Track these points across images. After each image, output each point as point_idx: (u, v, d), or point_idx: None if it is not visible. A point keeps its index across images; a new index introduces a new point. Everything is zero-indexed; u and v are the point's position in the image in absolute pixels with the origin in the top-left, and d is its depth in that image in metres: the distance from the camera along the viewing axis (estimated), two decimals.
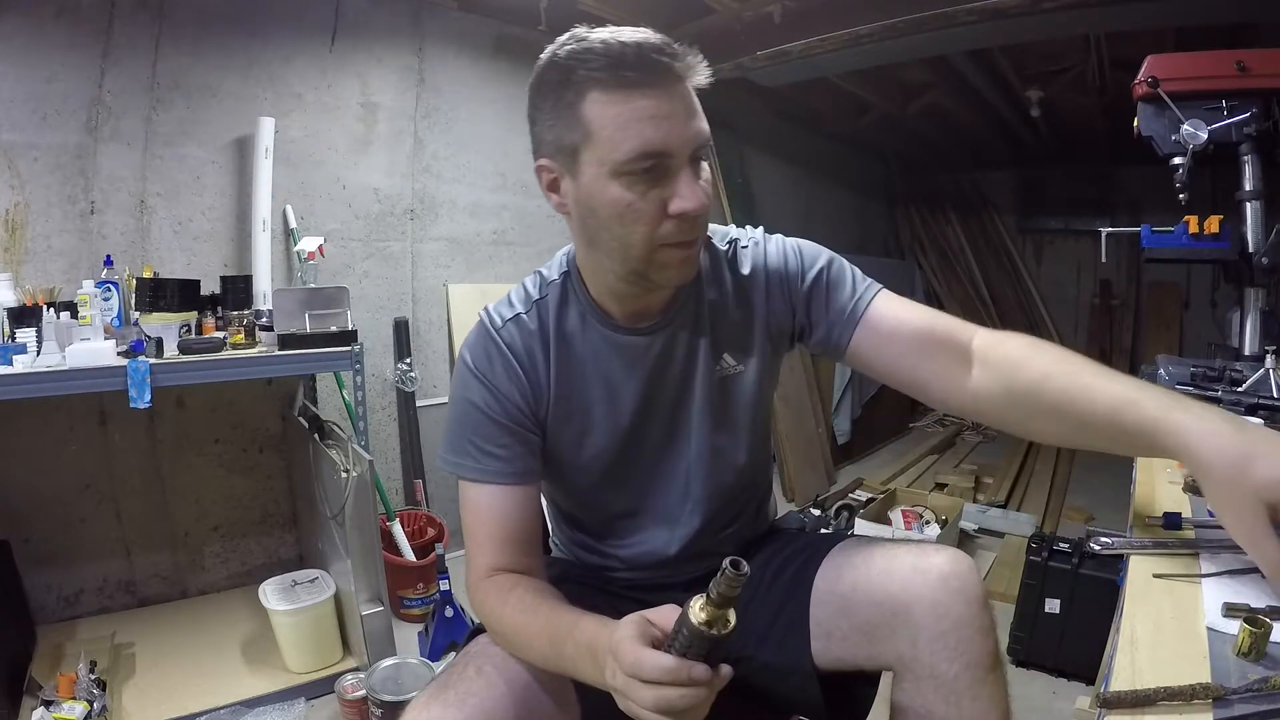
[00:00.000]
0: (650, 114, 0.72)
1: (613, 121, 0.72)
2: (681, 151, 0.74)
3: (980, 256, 5.50)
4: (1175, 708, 0.55)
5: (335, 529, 1.89)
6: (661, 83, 0.72)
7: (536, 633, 0.76)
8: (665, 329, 0.89)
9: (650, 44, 0.72)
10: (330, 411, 2.36)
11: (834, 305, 0.88)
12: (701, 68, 0.76)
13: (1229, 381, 1.45)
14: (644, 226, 0.75)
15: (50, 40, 1.95)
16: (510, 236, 3.00)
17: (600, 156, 0.74)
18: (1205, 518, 0.94)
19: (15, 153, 1.93)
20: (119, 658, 1.90)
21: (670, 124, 0.72)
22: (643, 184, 0.74)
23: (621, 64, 0.71)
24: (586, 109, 0.73)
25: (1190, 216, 1.64)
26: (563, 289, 0.90)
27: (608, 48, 0.72)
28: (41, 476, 2.04)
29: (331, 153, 2.50)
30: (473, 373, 0.87)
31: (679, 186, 0.74)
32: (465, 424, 0.87)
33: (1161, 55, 1.66)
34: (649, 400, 0.90)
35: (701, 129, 0.76)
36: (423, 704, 0.75)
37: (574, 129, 0.74)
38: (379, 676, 1.71)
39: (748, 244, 0.93)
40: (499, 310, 0.90)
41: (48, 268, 1.99)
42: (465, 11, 2.76)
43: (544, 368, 0.88)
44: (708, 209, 0.77)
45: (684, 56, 0.74)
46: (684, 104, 0.74)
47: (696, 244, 0.80)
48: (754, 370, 0.93)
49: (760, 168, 4.18)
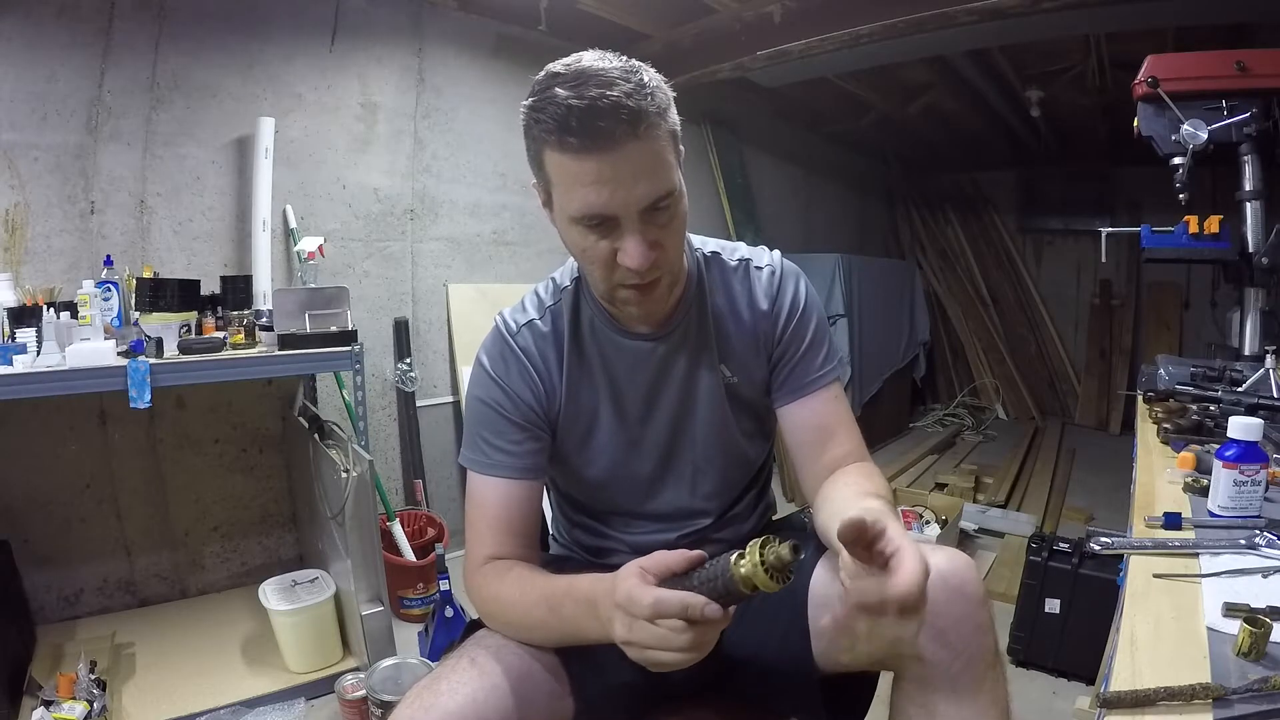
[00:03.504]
0: (593, 179, 0.73)
1: (562, 180, 0.76)
2: (626, 212, 0.75)
3: (980, 256, 5.49)
4: (1175, 708, 0.55)
5: (335, 529, 1.89)
6: (607, 147, 0.72)
7: (535, 600, 0.79)
8: (669, 336, 0.93)
9: (603, 105, 0.70)
10: (330, 411, 2.36)
11: (797, 367, 0.95)
12: (660, 115, 0.75)
13: (1229, 381, 1.45)
14: (600, 269, 0.81)
15: (50, 40, 1.95)
16: (510, 236, 3.00)
17: (559, 204, 0.80)
18: (1205, 518, 0.94)
19: (15, 153, 1.93)
20: (119, 658, 1.90)
21: (613, 188, 0.73)
22: (595, 234, 0.78)
23: (566, 129, 0.71)
24: (546, 159, 0.77)
25: (1190, 216, 1.64)
26: (575, 294, 0.94)
27: (559, 108, 0.71)
28: (41, 476, 2.04)
29: (331, 153, 2.50)
30: (487, 373, 0.92)
31: (625, 243, 0.77)
32: (478, 421, 0.92)
33: (1161, 55, 1.66)
34: (652, 402, 0.95)
35: (653, 190, 0.75)
36: (415, 695, 0.77)
37: (541, 173, 0.80)
38: (379, 676, 1.71)
39: (763, 267, 0.96)
40: (514, 316, 0.95)
41: (48, 268, 1.99)
42: (465, 11, 2.76)
43: (556, 370, 0.93)
44: (659, 262, 0.79)
45: (642, 114, 0.72)
46: (632, 166, 0.73)
47: (657, 287, 0.83)
48: (753, 383, 0.96)
49: (760, 168, 4.18)
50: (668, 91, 0.79)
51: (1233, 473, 0.92)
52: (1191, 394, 1.37)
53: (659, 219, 0.78)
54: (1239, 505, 0.93)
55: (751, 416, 0.99)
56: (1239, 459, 0.92)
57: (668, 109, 0.78)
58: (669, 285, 0.86)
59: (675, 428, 0.95)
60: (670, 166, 0.78)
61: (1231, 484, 0.93)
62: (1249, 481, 0.92)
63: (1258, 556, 0.82)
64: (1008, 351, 5.29)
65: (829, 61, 2.91)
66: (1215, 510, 0.94)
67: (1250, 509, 0.92)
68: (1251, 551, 0.83)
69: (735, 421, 0.97)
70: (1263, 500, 0.93)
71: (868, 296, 4.02)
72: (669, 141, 0.78)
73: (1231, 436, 0.94)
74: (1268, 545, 0.84)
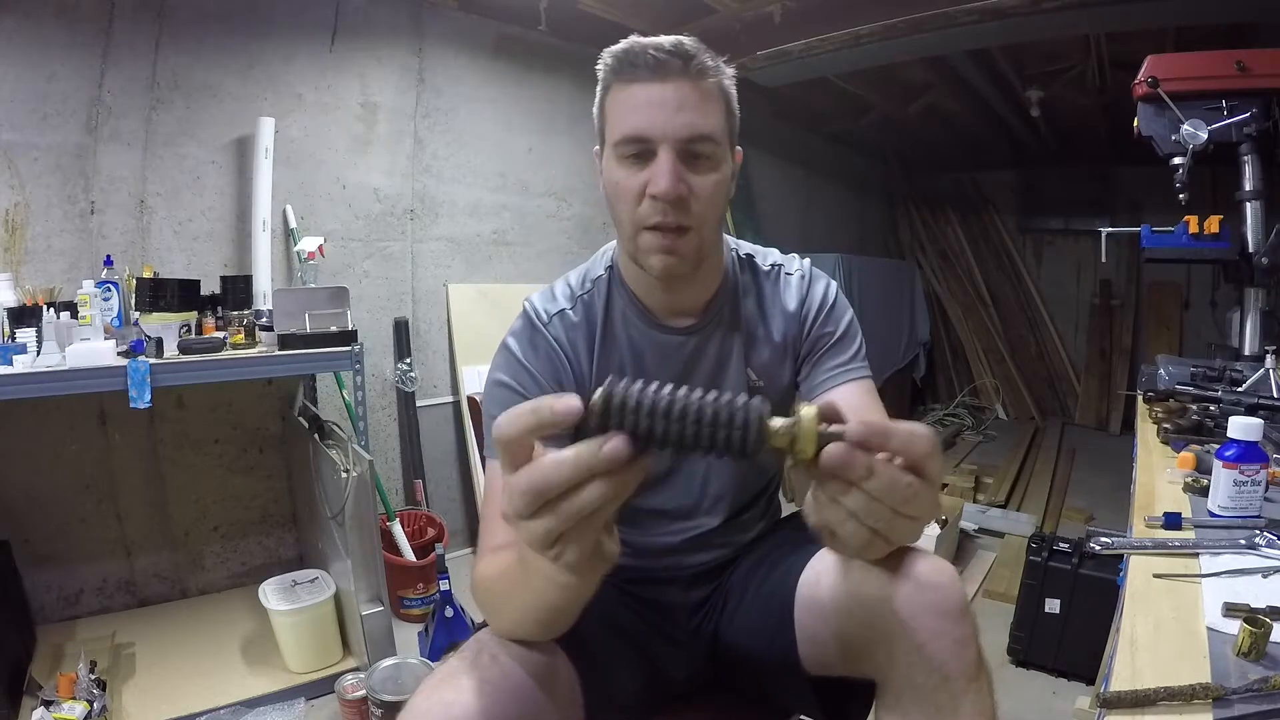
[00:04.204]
0: (640, 102, 0.79)
1: (614, 112, 0.82)
2: (662, 138, 0.79)
3: (980, 256, 5.49)
4: (1175, 708, 0.55)
5: (335, 529, 1.89)
6: (658, 76, 0.78)
7: (514, 562, 0.66)
8: (700, 331, 0.93)
9: (664, 45, 0.78)
10: (330, 411, 2.36)
11: (825, 357, 0.95)
12: (716, 71, 0.82)
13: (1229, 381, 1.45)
14: (628, 205, 0.82)
15: (50, 40, 1.95)
16: (510, 236, 3.00)
17: (609, 139, 0.83)
18: (1205, 518, 0.94)
19: (15, 153, 1.93)
20: (119, 658, 1.90)
21: (654, 112, 0.79)
22: (631, 165, 0.81)
23: (628, 60, 0.80)
24: (606, 100, 0.84)
25: (1190, 216, 1.64)
26: (608, 284, 0.94)
27: (629, 47, 0.80)
28: (41, 476, 2.04)
29: (331, 153, 2.50)
30: (515, 358, 0.90)
31: (654, 170, 0.79)
32: (499, 405, 0.87)
33: (1161, 55, 1.67)
34: None
35: (693, 123, 0.79)
36: (425, 694, 0.70)
37: (600, 117, 0.86)
38: (379, 676, 1.71)
39: (793, 272, 0.97)
40: (544, 304, 0.94)
41: (48, 268, 1.99)
42: (465, 11, 2.76)
43: (587, 361, 0.92)
44: (689, 207, 0.80)
45: (697, 58, 0.79)
46: (679, 97, 0.79)
47: (683, 238, 0.82)
48: (778, 389, 0.95)
49: (760, 168, 4.18)
50: (729, 72, 0.85)
51: (1233, 473, 0.93)
52: (1191, 394, 1.37)
53: (696, 166, 0.80)
54: (1239, 505, 0.93)
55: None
56: (1239, 459, 0.92)
57: (725, 75, 0.84)
58: (696, 246, 0.84)
59: None
60: (715, 116, 0.81)
61: (1231, 484, 0.93)
62: (1249, 481, 0.92)
63: (1258, 556, 0.82)
64: (1008, 351, 5.29)
65: (829, 61, 2.91)
66: (1215, 510, 0.94)
67: (1250, 509, 0.92)
68: (1251, 551, 0.83)
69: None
70: (1263, 500, 0.93)
71: (868, 296, 4.02)
72: (720, 99, 0.83)
73: (1231, 436, 0.94)
74: (1268, 545, 0.84)
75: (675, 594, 0.99)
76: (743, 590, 0.96)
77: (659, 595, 0.99)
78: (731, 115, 0.85)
